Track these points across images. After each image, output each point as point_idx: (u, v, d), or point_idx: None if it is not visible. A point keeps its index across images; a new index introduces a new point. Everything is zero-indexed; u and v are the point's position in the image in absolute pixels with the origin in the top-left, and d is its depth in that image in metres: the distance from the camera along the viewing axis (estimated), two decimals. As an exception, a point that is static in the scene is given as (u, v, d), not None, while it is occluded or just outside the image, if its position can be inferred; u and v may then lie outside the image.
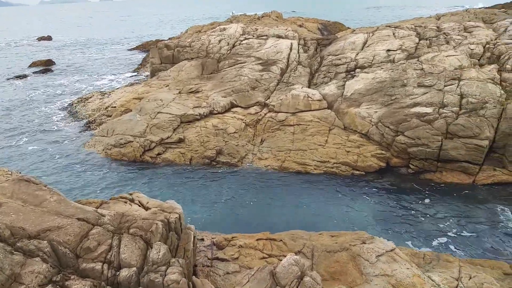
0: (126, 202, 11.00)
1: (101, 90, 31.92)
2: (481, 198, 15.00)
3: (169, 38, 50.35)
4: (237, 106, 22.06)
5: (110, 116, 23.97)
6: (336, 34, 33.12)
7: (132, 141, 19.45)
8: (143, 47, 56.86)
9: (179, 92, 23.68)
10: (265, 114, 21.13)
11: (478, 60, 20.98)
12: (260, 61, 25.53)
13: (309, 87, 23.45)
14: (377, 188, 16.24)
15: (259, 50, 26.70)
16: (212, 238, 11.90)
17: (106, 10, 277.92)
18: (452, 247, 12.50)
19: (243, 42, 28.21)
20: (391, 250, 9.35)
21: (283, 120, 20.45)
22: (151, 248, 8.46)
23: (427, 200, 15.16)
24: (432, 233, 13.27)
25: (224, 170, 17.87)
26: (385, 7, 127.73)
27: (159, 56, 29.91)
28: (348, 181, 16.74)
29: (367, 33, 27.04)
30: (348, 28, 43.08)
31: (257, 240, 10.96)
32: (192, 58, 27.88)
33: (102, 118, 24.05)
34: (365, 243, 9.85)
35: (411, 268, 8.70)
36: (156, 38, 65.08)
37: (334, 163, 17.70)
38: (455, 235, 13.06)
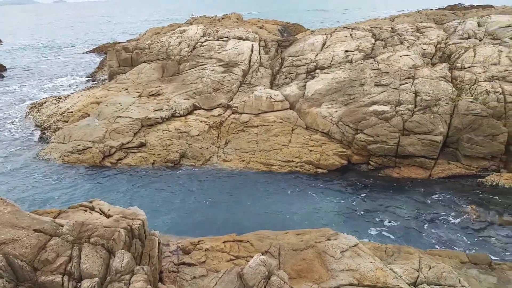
0: (86, 211, 10.60)
1: (56, 95, 30.57)
2: (437, 191, 15.70)
3: (127, 40, 49.10)
4: (200, 108, 21.87)
5: (67, 121, 23.02)
6: (295, 36, 33.62)
7: (91, 147, 18.79)
8: (100, 50, 55.10)
9: (139, 95, 23.15)
10: (229, 116, 21.09)
11: (431, 59, 22.00)
12: (222, 63, 25.45)
13: (271, 88, 23.65)
14: (339, 185, 16.61)
15: (220, 52, 26.61)
16: (178, 242, 11.71)
17: (60, 12, 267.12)
18: (412, 239, 12.98)
19: (204, 43, 28.03)
20: (355, 245, 9.59)
21: (246, 122, 20.49)
22: (114, 256, 8.19)
23: (387, 195, 15.68)
24: (394, 226, 13.74)
25: (189, 173, 17.64)
26: (331, 10, 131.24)
27: (117, 59, 29.10)
28: (311, 180, 17.01)
29: (325, 34, 27.66)
30: (308, 29, 43.85)
31: (223, 242, 10.90)
32: (151, 61, 27.35)
33: (58, 124, 23.05)
34: (329, 240, 10.04)
35: (374, 261, 8.96)
36: (114, 40, 63.29)
37: (297, 162, 17.94)
38: (415, 227, 13.59)
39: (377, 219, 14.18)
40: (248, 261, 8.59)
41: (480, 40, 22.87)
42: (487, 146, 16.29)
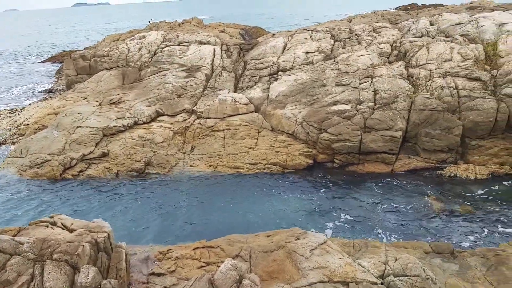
0: (47, 226, 10.19)
1: (11, 108, 29.17)
2: (400, 185, 16.26)
3: (84, 48, 47.65)
4: (163, 115, 21.54)
5: (23, 134, 22.01)
6: (257, 39, 33.86)
7: (50, 160, 18.04)
8: (57, 59, 53.12)
9: (100, 104, 22.50)
10: (194, 121, 20.90)
11: (387, 58, 22.78)
12: (184, 68, 25.21)
13: (235, 91, 23.69)
14: (307, 184, 16.85)
15: (182, 57, 26.36)
16: (146, 252, 11.47)
17: (12, 20, 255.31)
18: (379, 232, 13.36)
19: (165, 49, 27.66)
20: (324, 243, 9.75)
21: (212, 126, 20.39)
22: (79, 272, 7.91)
23: (353, 191, 16.07)
24: (361, 221, 14.08)
25: (155, 181, 17.31)
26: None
27: (74, 68, 28.16)
28: (279, 180, 17.15)
29: (286, 36, 28.03)
30: (269, 32, 44.26)
31: (193, 249, 10.78)
32: (111, 68, 26.67)
33: (14, 138, 22.00)
34: (299, 239, 10.16)
35: (343, 257, 9.15)
36: (70, 48, 61.21)
37: (265, 164, 18.03)
38: (381, 221, 13.99)
39: (345, 215, 14.49)
40: (219, 267, 8.54)
41: (432, 38, 23.90)
42: (444, 139, 17.05)
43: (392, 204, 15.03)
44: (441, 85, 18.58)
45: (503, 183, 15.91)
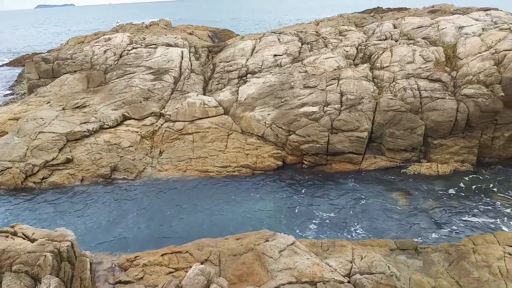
0: (7, 237, 9.78)
1: (-33, 113, 27.72)
2: (367, 184, 16.65)
3: (47, 51, 46.04)
4: (130, 118, 21.10)
5: (-19, 141, 20.96)
6: (226, 41, 33.81)
7: (11, 167, 17.29)
8: (18, 62, 51.00)
9: (63, 109, 21.79)
10: (162, 125, 20.60)
11: (353, 60, 23.30)
12: (151, 71, 24.83)
13: (204, 94, 23.54)
14: (276, 186, 16.97)
15: (149, 59, 25.94)
16: (113, 260, 11.18)
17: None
18: (347, 231, 13.63)
19: (131, 51, 27.14)
20: (292, 244, 9.83)
21: (181, 129, 20.17)
22: (40, 283, 7.62)
23: (321, 191, 16.31)
24: (329, 220, 14.31)
25: (122, 187, 16.93)
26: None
27: (36, 71, 27.14)
28: (249, 183, 17.18)
29: (254, 39, 28.15)
30: (238, 35, 44.32)
31: (162, 255, 10.60)
32: (75, 71, 25.88)
33: (-30, 145, 20.89)
34: (268, 241, 10.19)
35: (311, 257, 9.25)
36: (33, 51, 58.98)
37: (235, 167, 18.02)
38: (349, 220, 14.27)
39: (314, 215, 14.68)
40: (188, 272, 8.45)
41: (396, 41, 24.63)
42: (408, 139, 17.63)
43: (359, 202, 15.36)
44: (404, 87, 19.19)
45: (464, 179, 16.60)
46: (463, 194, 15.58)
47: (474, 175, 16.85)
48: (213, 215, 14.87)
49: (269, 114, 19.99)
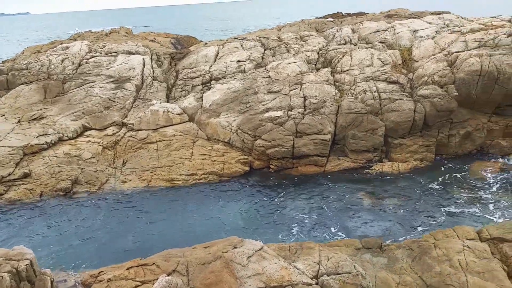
0: (-42, 259, 9.20)
1: None
2: (332, 185, 16.96)
3: (1, 62, 43.93)
4: (91, 129, 20.47)
5: None
6: (189, 48, 33.57)
7: (-38, 185, 16.32)
8: (-32, 73, 48.28)
9: (19, 121, 20.84)
10: (124, 134, 20.12)
11: (315, 65, 23.75)
12: (112, 79, 24.23)
13: (167, 101, 23.22)
14: (244, 191, 16.96)
15: (109, 68, 25.31)
16: (76, 277, 10.78)
17: None
18: (314, 232, 13.80)
19: (90, 60, 26.38)
20: (260, 249, 9.83)
21: (144, 138, 19.78)
22: (-5, 307, 7.20)
23: (288, 194, 16.47)
24: (297, 223, 14.45)
25: (84, 200, 16.35)
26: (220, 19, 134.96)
27: (-12, 82, 25.79)
28: (217, 190, 17.07)
29: (217, 45, 28.13)
30: (201, 41, 44.11)
31: (127, 269, 10.31)
32: (31, 82, 24.83)
33: None
34: (236, 248, 10.14)
35: (279, 262, 9.29)
36: (-15, 61, 56.03)
37: (202, 174, 17.86)
38: (316, 221, 14.48)
39: (282, 219, 14.78)
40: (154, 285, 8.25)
41: (355, 45, 25.35)
42: (369, 140, 18.13)
43: (325, 204, 15.61)
44: (364, 89, 19.76)
45: (424, 176, 17.25)
46: (423, 191, 16.17)
47: (433, 172, 17.55)
48: (180, 225, 14.64)
49: (234, 120, 19.99)
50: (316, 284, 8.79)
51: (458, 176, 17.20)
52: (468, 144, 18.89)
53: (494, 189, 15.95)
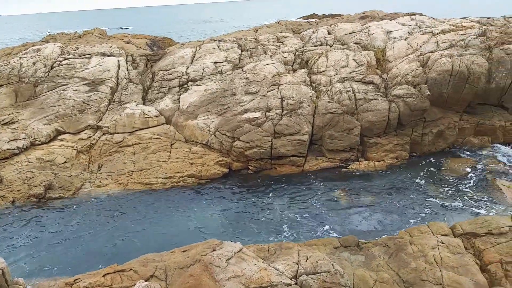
0: None
1: None
2: (310, 185, 17.10)
3: (-32, 63, 42.27)
4: (64, 133, 19.97)
5: None
6: (165, 49, 33.20)
7: None
8: None
9: (-12, 126, 20.13)
10: (100, 138, 19.72)
11: (291, 66, 23.91)
12: (86, 82, 23.71)
13: (144, 104, 22.90)
14: (223, 193, 16.90)
15: (83, 70, 24.76)
16: (50, 286, 10.48)
17: None
18: (294, 232, 13.88)
19: (63, 62, 25.74)
20: (239, 251, 9.80)
21: (120, 141, 19.44)
22: (-37, 320, 6.92)
23: (267, 195, 16.51)
24: (276, 223, 14.50)
25: (58, 206, 15.92)
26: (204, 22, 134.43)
27: (-45, 86, 24.79)
28: (195, 192, 16.95)
29: (194, 47, 27.94)
30: (177, 42, 43.73)
31: (104, 276, 10.09)
32: (1, 85, 24.01)
33: None
34: (215, 250, 10.07)
35: (258, 263, 9.29)
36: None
37: (180, 177, 17.68)
38: (295, 221, 14.57)
39: (261, 220, 14.80)
40: (131, 290, 8.10)
41: (330, 46, 25.67)
42: (346, 140, 18.38)
43: (304, 203, 15.73)
44: (340, 90, 20.03)
45: (399, 174, 17.62)
46: (398, 189, 16.52)
47: (408, 170, 17.94)
48: (158, 229, 14.45)
49: (212, 121, 19.89)
50: (295, 284, 8.83)
51: (432, 173, 17.65)
52: (440, 142, 19.41)
53: (466, 185, 16.44)
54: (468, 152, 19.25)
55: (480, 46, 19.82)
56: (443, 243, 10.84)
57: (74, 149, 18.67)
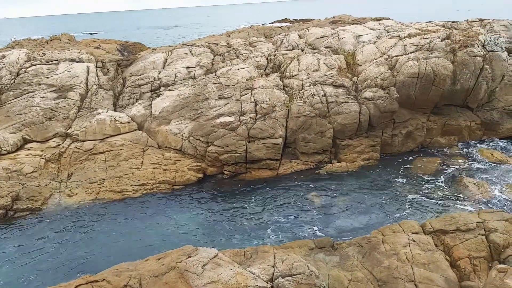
0: None
1: None
2: (285, 187, 17.21)
3: None
4: (32, 141, 19.30)
5: None
6: (136, 55, 32.75)
7: None
8: None
9: (-51, 136, 19.21)
10: (69, 145, 19.19)
11: (264, 70, 24.07)
12: (54, 88, 23.04)
13: (115, 110, 22.46)
14: (198, 199, 16.76)
15: (50, 77, 24.05)
16: (19, 301, 10.08)
17: None
18: (269, 236, 13.90)
19: (30, 69, 24.93)
20: (215, 256, 9.72)
21: (91, 149, 18.98)
22: None
23: (243, 199, 16.50)
24: (252, 227, 14.50)
25: (25, 217, 15.34)
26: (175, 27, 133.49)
27: None
28: (170, 199, 16.73)
29: (166, 52, 27.68)
30: (149, 47, 43.21)
31: (75, 287, 9.79)
32: (-38, 93, 23.02)
33: None
34: (190, 257, 9.95)
35: (234, 268, 9.24)
36: None
37: (153, 184, 17.42)
38: (271, 224, 14.60)
39: (237, 224, 14.76)
40: (104, 301, 7.89)
41: (302, 51, 26.02)
42: (318, 142, 18.64)
43: (279, 206, 15.80)
44: (312, 93, 20.31)
45: (371, 175, 17.99)
46: (371, 189, 16.86)
47: (379, 170, 18.36)
48: (132, 237, 14.16)
49: (185, 126, 19.73)
50: (272, 287, 8.84)
51: (402, 173, 18.12)
52: (410, 143, 19.99)
53: (435, 183, 16.97)
54: (436, 152, 19.89)
55: (445, 49, 20.57)
56: (414, 241, 11.13)
57: (42, 158, 18.08)
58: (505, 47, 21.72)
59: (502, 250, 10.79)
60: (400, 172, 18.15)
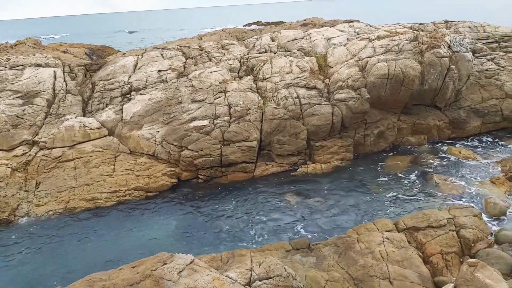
0: None
1: None
2: (261, 190, 17.20)
3: None
4: (-4, 150, 18.49)
5: None
6: (105, 59, 31.99)
7: None
8: None
9: None
10: (36, 153, 18.47)
11: (237, 73, 23.99)
12: (19, 94, 22.16)
13: (84, 116, 21.81)
14: (173, 204, 16.50)
15: (15, 82, 23.13)
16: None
17: None
18: (246, 239, 13.83)
19: (-7, 74, 23.88)
20: (191, 262, 9.56)
21: (59, 156, 18.34)
22: None
23: (219, 203, 16.37)
24: (228, 231, 14.38)
25: (-9, 229, 14.68)
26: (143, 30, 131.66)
27: None
28: (143, 206, 16.39)
29: (136, 55, 27.16)
30: (118, 51, 42.37)
31: (45, 301, 9.42)
32: None
33: None
34: (166, 264, 9.75)
35: (211, 273, 9.11)
36: None
37: (126, 191, 17.03)
38: (247, 227, 14.54)
39: (213, 229, 14.61)
40: (76, 314, 7.60)
41: (274, 53, 26.10)
42: (293, 144, 18.74)
43: (255, 209, 15.77)
44: (285, 96, 20.40)
45: (345, 175, 18.25)
46: (345, 188, 17.09)
47: (353, 170, 18.64)
48: (105, 246, 13.78)
49: (158, 131, 19.40)
50: (249, 291, 8.78)
51: (375, 172, 18.46)
52: (382, 142, 20.40)
53: (407, 181, 17.38)
54: (407, 151, 20.39)
55: (413, 51, 21.14)
56: (388, 238, 11.33)
57: (8, 167, 17.32)
58: (470, 48, 22.54)
59: (472, 245, 11.15)
60: (373, 172, 18.49)
